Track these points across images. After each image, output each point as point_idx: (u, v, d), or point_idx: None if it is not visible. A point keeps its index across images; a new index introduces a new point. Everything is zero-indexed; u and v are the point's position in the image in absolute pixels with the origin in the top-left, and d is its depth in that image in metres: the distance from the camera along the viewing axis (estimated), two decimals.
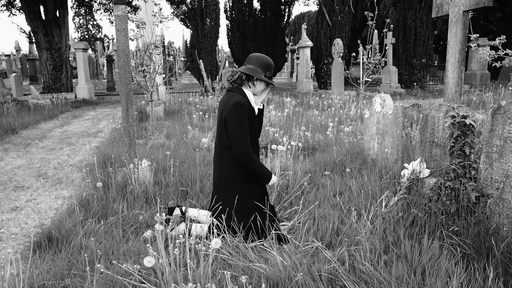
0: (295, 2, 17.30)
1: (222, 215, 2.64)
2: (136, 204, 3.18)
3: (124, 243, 2.64)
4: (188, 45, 14.12)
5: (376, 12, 8.78)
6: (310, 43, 13.63)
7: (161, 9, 6.07)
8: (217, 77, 14.51)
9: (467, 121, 2.72)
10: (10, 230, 3.03)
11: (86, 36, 50.14)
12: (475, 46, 3.40)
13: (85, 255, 2.12)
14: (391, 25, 10.24)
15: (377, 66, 9.00)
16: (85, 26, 51.10)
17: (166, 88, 9.62)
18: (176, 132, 6.07)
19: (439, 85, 16.39)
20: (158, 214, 2.07)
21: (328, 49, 13.78)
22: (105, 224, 2.83)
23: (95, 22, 51.20)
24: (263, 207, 2.70)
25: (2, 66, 24.45)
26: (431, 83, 17.80)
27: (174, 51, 25.84)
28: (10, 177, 4.35)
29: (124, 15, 3.58)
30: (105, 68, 23.89)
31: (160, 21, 6.02)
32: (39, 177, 4.35)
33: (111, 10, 16.90)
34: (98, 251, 2.25)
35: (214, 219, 2.57)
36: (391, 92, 12.01)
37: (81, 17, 49.11)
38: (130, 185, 3.46)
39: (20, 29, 16.80)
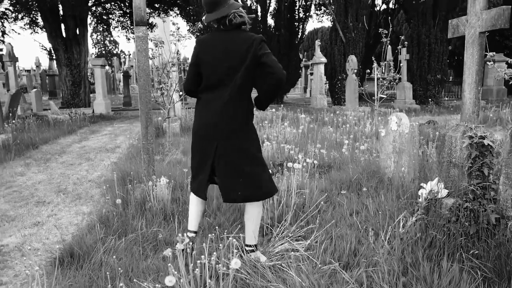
0: (309, 19, 17.50)
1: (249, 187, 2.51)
2: (155, 221, 3.23)
3: (143, 260, 2.68)
4: None
5: (391, 29, 8.83)
6: (324, 60, 13.73)
7: (178, 28, 6.23)
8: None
9: (485, 141, 2.71)
10: (33, 245, 3.11)
11: (103, 52, 51.40)
12: (491, 64, 3.41)
13: (107, 272, 2.16)
14: (406, 42, 10.27)
15: (391, 83, 9.01)
16: (102, 42, 52.44)
17: (182, 104, 9.78)
18: (189, 148, 6.14)
19: (455, 100, 16.26)
20: (180, 234, 2.11)
21: (342, 65, 13.85)
22: (125, 241, 2.88)
23: (112, 38, 52.51)
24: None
25: (23, 81, 25.18)
26: (446, 98, 17.67)
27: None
28: (31, 192, 4.46)
29: (145, 36, 3.70)
30: (121, 83, 24.40)
31: (178, 40, 6.17)
32: (59, 193, 4.45)
33: (128, 28, 17.35)
34: (120, 269, 2.30)
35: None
36: (405, 108, 11.96)
37: (98, 34, 50.41)
38: (148, 202, 3.52)
39: (42, 46, 17.34)
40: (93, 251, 2.72)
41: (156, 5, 15.70)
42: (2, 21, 14.20)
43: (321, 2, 18.43)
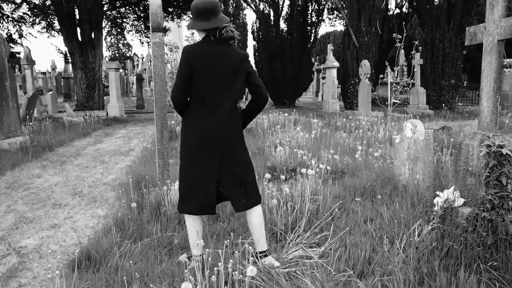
0: (322, 23, 17.48)
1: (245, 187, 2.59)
2: (169, 226, 3.26)
3: (158, 264, 2.71)
4: None
5: (405, 34, 8.78)
6: (336, 64, 13.70)
7: (193, 33, 6.29)
8: (244, 97, 14.72)
9: (504, 150, 2.68)
10: (50, 248, 3.16)
11: (117, 55, 52.01)
12: (508, 70, 3.37)
13: (124, 277, 2.19)
14: (420, 47, 10.18)
15: (405, 88, 8.95)
16: (116, 45, 53.09)
17: None
18: None
19: (469, 106, 16.04)
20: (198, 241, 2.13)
21: (355, 70, 13.80)
22: (140, 245, 2.91)
23: (125, 42, 53.10)
24: None
25: (39, 83, 25.64)
26: (460, 104, 17.45)
27: None
28: (48, 194, 4.54)
29: (161, 42, 3.75)
30: (134, 86, 24.67)
31: None
32: (75, 195, 4.52)
33: (142, 32, 17.57)
34: (136, 273, 2.32)
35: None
36: (419, 114, 11.85)
37: (112, 37, 51.05)
38: (163, 206, 3.56)
39: (58, 49, 17.64)
40: (109, 254, 2.76)
41: (170, 9, 15.87)
42: (20, 25, 14.48)
43: (334, 7, 18.42)
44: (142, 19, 16.48)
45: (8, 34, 14.15)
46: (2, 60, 6.37)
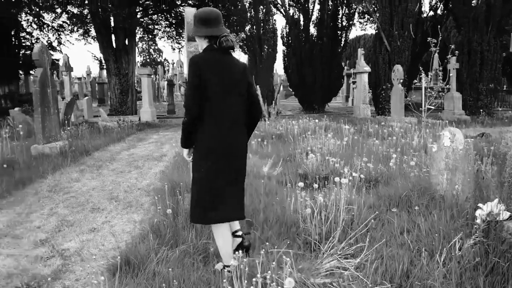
0: (352, 27, 17.29)
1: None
2: (204, 233, 3.29)
3: (194, 271, 2.74)
4: None
5: (440, 38, 8.55)
6: (368, 69, 13.50)
7: None
8: (273, 102, 14.74)
9: None
10: (90, 251, 3.27)
11: (148, 60, 53.28)
12: None
13: (164, 285, 2.23)
14: (456, 51, 9.85)
15: (440, 93, 8.70)
16: (147, 51, 54.42)
17: None
18: None
19: (510, 111, 15.38)
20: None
21: (387, 75, 13.54)
22: (177, 252, 2.96)
23: (156, 47, 54.33)
24: None
25: (75, 88, 26.65)
26: (500, 109, 16.77)
27: None
28: (87, 198, 4.70)
29: (197, 51, 3.81)
30: (165, 91, 25.19)
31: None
32: (111, 200, 4.66)
33: (173, 38, 17.96)
34: (175, 281, 2.36)
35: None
36: (454, 119, 11.48)
37: (144, 43, 52.37)
38: None
39: (94, 56, 18.30)
40: (147, 260, 2.82)
41: None
42: (59, 33, 15.12)
43: (365, 11, 18.19)
44: (173, 26, 16.84)
45: (48, 42, 14.80)
46: (45, 68, 6.67)
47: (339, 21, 16.94)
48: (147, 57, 54.12)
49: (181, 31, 17.12)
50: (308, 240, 3.23)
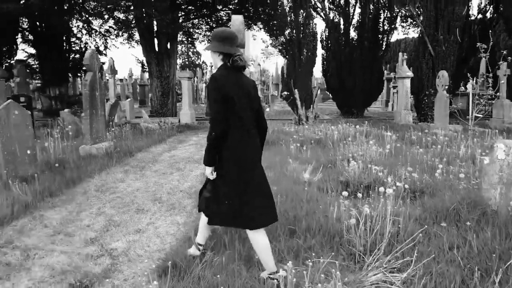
0: (394, 31, 16.86)
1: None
2: (248, 239, 3.31)
3: (237, 278, 2.76)
4: (284, 73, 14.56)
5: (491, 43, 8.16)
6: (410, 74, 13.11)
7: (267, 46, 6.39)
8: (311, 106, 14.63)
9: None
10: (137, 252, 3.37)
11: (187, 62, 54.44)
12: None
13: None
14: (509, 58, 9.34)
15: (489, 100, 8.31)
16: (186, 53, 55.63)
17: None
18: (275, 164, 6.23)
19: None
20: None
21: (430, 80, 13.08)
22: (220, 257, 3.00)
23: (195, 50, 55.41)
24: None
25: (117, 90, 27.67)
26: None
27: (267, 78, 26.82)
28: (131, 199, 4.86)
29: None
30: (203, 93, 25.64)
31: (267, 57, 6.33)
32: (155, 201, 4.79)
33: None
34: (221, 287, 2.39)
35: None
36: (503, 128, 10.91)
37: (183, 45, 53.53)
38: None
39: (137, 59, 18.90)
40: (192, 264, 2.87)
41: None
42: (106, 37, 15.76)
43: (407, 14, 17.68)
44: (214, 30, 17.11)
45: (96, 46, 15.47)
46: (94, 73, 6.97)
47: (381, 24, 16.57)
48: (186, 59, 55.30)
49: None
50: (352, 251, 3.18)
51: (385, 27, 16.55)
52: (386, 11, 16.46)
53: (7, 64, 15.57)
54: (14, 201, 4.23)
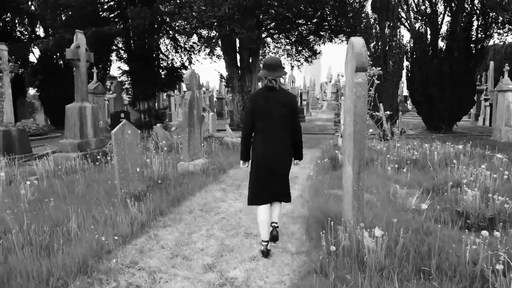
0: (489, 39, 15.53)
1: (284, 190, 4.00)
2: (374, 278, 3.10)
3: None
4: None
5: None
6: None
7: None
8: (396, 120, 13.94)
9: None
10: (257, 283, 3.31)
11: None
12: None
13: None
14: None
15: None
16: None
17: None
18: (374, 186, 5.92)
19: None
20: None
21: None
22: None
23: None
24: None
25: (203, 105, 28.89)
26: None
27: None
28: (237, 221, 4.87)
29: (364, 82, 3.68)
30: None
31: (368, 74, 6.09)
32: None
33: (292, 56, 18.29)
34: None
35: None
36: None
37: (261, 59, 54.58)
38: (360, 251, 3.43)
39: (220, 74, 19.48)
40: None
41: (321, 33, 16.14)
42: (190, 53, 16.51)
43: (505, 20, 16.21)
44: (293, 44, 17.15)
45: (181, 62, 16.25)
46: (193, 91, 7.24)
47: (473, 33, 15.38)
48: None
49: (300, 48, 17.34)
50: None
51: (479, 35, 15.32)
52: (480, 18, 15.25)
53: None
54: (132, 220, 4.43)
